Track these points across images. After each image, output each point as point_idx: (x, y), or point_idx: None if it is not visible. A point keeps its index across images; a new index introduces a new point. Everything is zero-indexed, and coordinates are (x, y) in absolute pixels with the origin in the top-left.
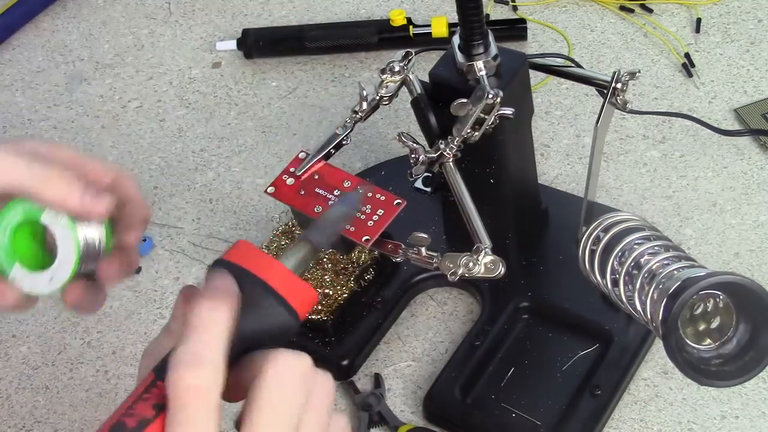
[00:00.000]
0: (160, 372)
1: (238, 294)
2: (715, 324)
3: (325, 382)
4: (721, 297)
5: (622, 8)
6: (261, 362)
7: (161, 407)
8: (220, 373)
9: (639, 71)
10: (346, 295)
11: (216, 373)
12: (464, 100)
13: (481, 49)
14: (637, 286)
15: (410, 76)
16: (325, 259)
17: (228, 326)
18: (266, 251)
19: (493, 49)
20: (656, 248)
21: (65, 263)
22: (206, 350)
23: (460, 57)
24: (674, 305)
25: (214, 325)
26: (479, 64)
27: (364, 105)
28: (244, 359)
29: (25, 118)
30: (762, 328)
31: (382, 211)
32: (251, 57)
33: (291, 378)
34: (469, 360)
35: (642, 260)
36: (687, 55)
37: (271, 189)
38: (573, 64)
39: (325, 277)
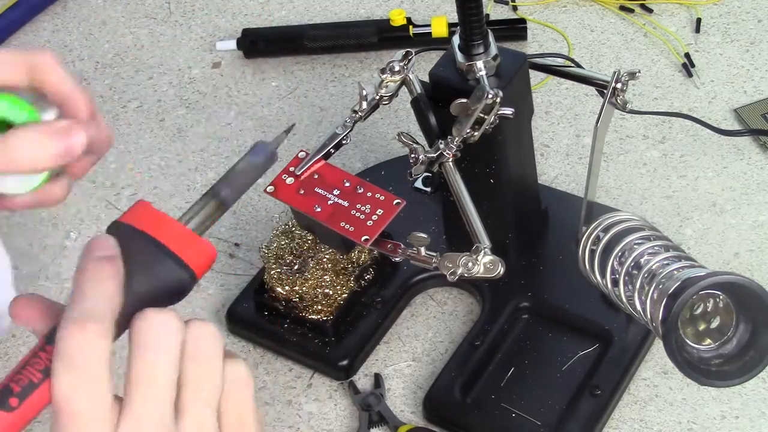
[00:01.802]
0: (50, 337)
1: (119, 255)
2: (715, 324)
3: (201, 331)
4: (721, 297)
5: (622, 8)
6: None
7: (49, 371)
8: (109, 329)
9: (639, 71)
10: (345, 295)
11: (105, 328)
12: (464, 100)
13: (481, 49)
14: (637, 286)
15: (410, 76)
16: (325, 259)
17: (113, 288)
18: (266, 251)
19: (493, 49)
20: (656, 248)
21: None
22: (94, 308)
23: (460, 57)
24: (674, 305)
25: (100, 287)
26: (479, 64)
27: (364, 105)
28: None
29: None
30: (762, 328)
31: (382, 211)
32: (251, 57)
33: (152, 334)
34: (469, 360)
35: (642, 260)
36: (687, 55)
37: (270, 188)
38: (573, 64)
39: (325, 277)
